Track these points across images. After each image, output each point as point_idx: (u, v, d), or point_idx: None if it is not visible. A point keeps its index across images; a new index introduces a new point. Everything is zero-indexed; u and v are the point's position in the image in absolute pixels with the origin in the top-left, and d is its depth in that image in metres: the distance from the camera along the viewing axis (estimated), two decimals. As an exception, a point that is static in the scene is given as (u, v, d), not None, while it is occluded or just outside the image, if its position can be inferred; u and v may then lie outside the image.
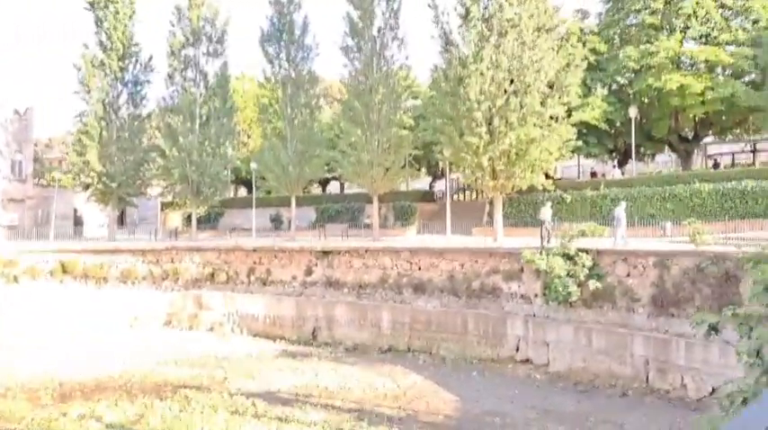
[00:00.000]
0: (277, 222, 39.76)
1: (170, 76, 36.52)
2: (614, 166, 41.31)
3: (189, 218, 39.76)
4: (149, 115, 38.43)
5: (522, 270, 25.10)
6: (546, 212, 27.13)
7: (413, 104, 39.92)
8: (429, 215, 38.24)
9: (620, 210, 24.55)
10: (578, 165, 46.36)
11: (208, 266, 32.17)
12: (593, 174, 43.97)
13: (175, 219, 46.68)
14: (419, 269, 27.87)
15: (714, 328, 8.57)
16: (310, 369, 23.85)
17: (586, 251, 23.34)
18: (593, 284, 22.66)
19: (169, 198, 42.50)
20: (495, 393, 20.87)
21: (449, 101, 28.80)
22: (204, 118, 36.18)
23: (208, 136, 35.82)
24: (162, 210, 48.27)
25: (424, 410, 19.50)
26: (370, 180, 31.50)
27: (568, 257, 23.42)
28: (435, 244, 29.21)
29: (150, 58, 37.78)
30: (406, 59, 32.45)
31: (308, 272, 29.86)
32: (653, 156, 43.47)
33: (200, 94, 36.52)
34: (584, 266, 23.00)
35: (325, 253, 29.68)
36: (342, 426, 17.22)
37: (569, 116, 29.79)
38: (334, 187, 55.19)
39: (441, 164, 40.30)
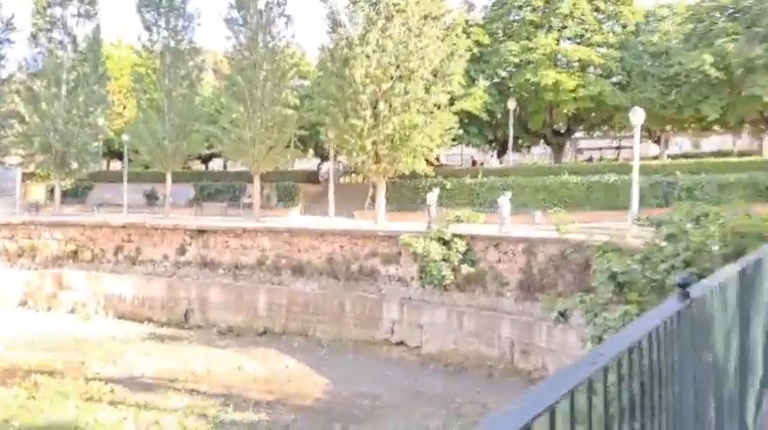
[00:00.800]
0: (152, 199, 37.71)
1: (33, 36, 33.42)
2: (492, 156, 42.85)
3: (53, 191, 36.79)
4: (9, 78, 34.97)
5: (400, 253, 25.38)
6: (432, 197, 27.66)
7: (300, 84, 39.19)
8: (313, 197, 37.80)
9: (504, 199, 25.45)
10: (461, 154, 47.67)
11: (71, 243, 29.92)
12: (474, 163, 45.46)
13: (38, 191, 43.02)
14: (298, 251, 27.45)
15: (562, 314, 8.88)
16: (179, 352, 22.87)
17: (461, 236, 23.98)
18: (465, 269, 23.35)
19: (31, 168, 39.10)
20: (368, 375, 21.01)
21: (335, 82, 28.49)
22: (72, 84, 33.47)
23: (76, 104, 33.20)
24: (23, 181, 44.31)
25: (295, 394, 19.27)
26: (252, 158, 30.56)
27: (444, 242, 23.95)
28: (317, 226, 28.90)
29: (12, 16, 34.32)
30: (293, 37, 31.74)
31: (182, 251, 28.57)
32: (529, 147, 45.53)
33: (69, 59, 33.71)
34: (458, 251, 23.62)
35: (201, 232, 28.50)
36: (205, 412, 16.61)
37: (452, 105, 30.40)
38: (217, 164, 53.29)
39: (327, 145, 39.99)
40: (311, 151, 46.53)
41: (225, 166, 49.42)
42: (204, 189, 37.77)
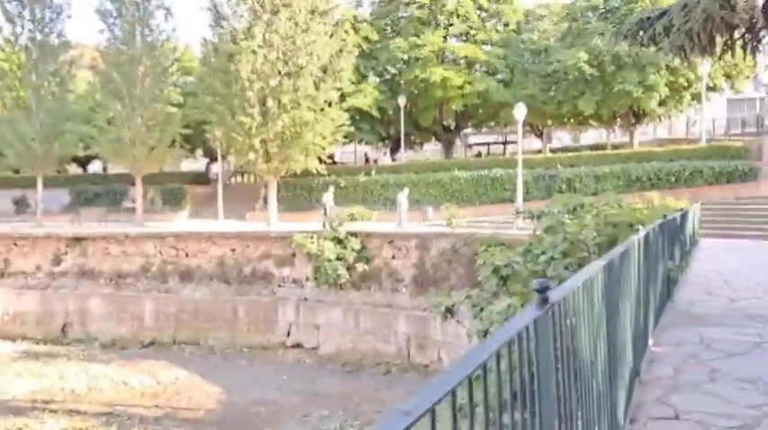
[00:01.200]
0: (22, 205, 34.74)
1: None
2: (385, 153, 43.08)
3: None
4: None
5: (294, 254, 24.85)
6: (328, 196, 27.28)
7: (184, 81, 37.47)
8: (202, 199, 36.32)
9: (402, 196, 25.58)
10: (354, 152, 47.60)
11: (-76, 258, 26.91)
12: (368, 160, 45.52)
13: None
14: (186, 256, 26.20)
15: (449, 310, 8.82)
16: (56, 370, 21.14)
17: (356, 235, 23.82)
18: (361, 267, 23.21)
19: None
20: (263, 381, 20.39)
21: (220, 78, 27.45)
22: None
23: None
24: None
25: (186, 406, 18.33)
26: (133, 160, 28.83)
27: (339, 241, 23.69)
28: (207, 229, 27.78)
29: None
30: (174, 31, 30.27)
31: (57, 261, 26.46)
32: (422, 144, 46.18)
33: None
34: (353, 250, 23.44)
35: (78, 239, 26.53)
36: (85, 434, 15.38)
37: (343, 101, 30.15)
38: (97, 167, 50.02)
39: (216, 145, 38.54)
40: (200, 151, 44.73)
41: (105, 169, 46.43)
42: (81, 194, 35.28)
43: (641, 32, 6.67)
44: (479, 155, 42.56)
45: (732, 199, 24.41)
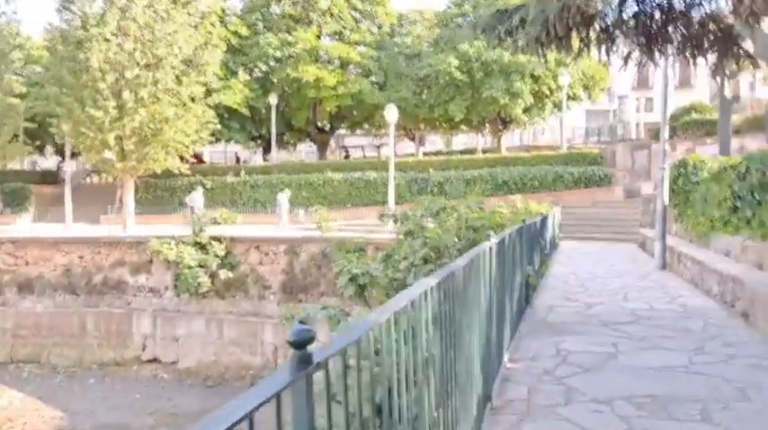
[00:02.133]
0: None
1: None
2: (254, 153, 41.64)
3: None
4: None
5: (151, 261, 22.93)
6: (196, 198, 25.53)
7: (31, 70, 33.87)
8: (51, 200, 32.95)
9: (283, 197, 24.57)
10: (225, 151, 45.60)
11: None
12: (238, 160, 43.79)
13: None
14: (26, 264, 23.43)
15: (303, 324, 7.94)
16: None
17: (219, 239, 22.40)
18: (224, 274, 21.84)
19: None
20: (114, 402, 18.49)
21: (67, 67, 24.85)
22: None
23: None
24: None
25: (16, 436, 16.13)
26: (-37, 156, 25.45)
27: (201, 246, 22.15)
28: (52, 234, 25.06)
29: None
30: (15, 14, 27.12)
31: None
32: (296, 145, 45.10)
33: None
34: (216, 256, 22.01)
35: None
36: None
37: (209, 97, 28.50)
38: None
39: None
40: (50, 148, 40.75)
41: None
42: None
43: (498, 26, 6.23)
44: (347, 156, 42.16)
45: (590, 203, 25.61)
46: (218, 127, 28.62)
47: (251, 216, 28.20)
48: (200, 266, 21.77)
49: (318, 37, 35.03)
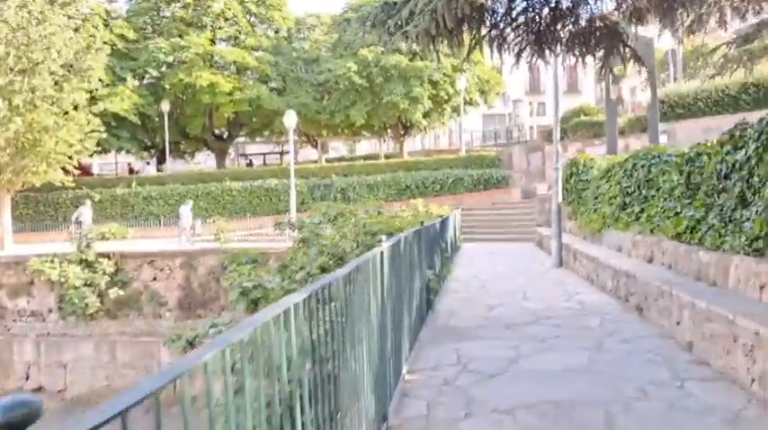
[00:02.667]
0: None
1: None
2: (147, 163, 39.71)
3: None
4: None
5: (32, 282, 21.08)
6: (84, 212, 23.75)
7: None
8: None
9: (186, 208, 23.30)
10: (116, 162, 43.12)
11: None
12: (131, 171, 41.53)
13: None
14: None
15: (192, 344, 7.39)
16: None
17: (108, 256, 20.95)
18: (114, 292, 20.42)
19: None
20: (-11, 439, 16.69)
21: (-73, 72, 22.50)
22: None
23: None
24: None
25: None
26: None
27: (88, 264, 20.61)
28: None
29: None
30: None
31: None
32: (193, 153, 43.36)
33: None
34: (104, 273, 20.54)
35: None
36: None
37: (93, 105, 26.75)
38: None
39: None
40: None
41: None
42: None
43: (388, 20, 5.94)
44: (250, 164, 41.08)
45: (489, 204, 26.15)
46: (105, 136, 26.87)
47: (146, 230, 26.67)
48: (88, 285, 20.26)
49: (212, 41, 33.86)
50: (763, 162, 6.33)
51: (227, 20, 34.22)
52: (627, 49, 6.79)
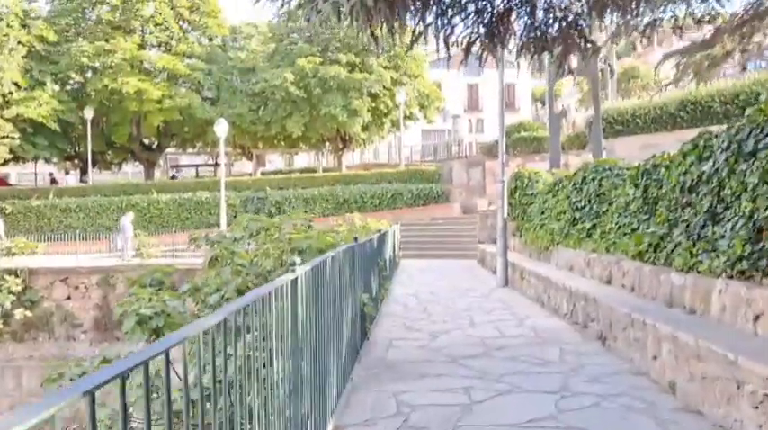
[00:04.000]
0: None
1: None
2: (66, 173, 37.37)
3: None
4: None
5: (-76, 303, 18.88)
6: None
7: None
8: None
9: (126, 220, 21.63)
10: (35, 173, 40.34)
11: None
12: (54, 181, 38.90)
13: None
14: None
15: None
16: None
17: (15, 273, 19.01)
18: (20, 313, 18.50)
19: None
20: None
21: None
22: None
23: None
24: None
25: None
26: None
27: (-9, 282, 18.64)
28: None
29: None
30: None
31: None
32: (120, 164, 41.06)
33: None
34: (10, 292, 18.61)
35: None
36: None
37: (5, 109, 24.68)
38: None
39: None
40: None
41: None
42: None
43: (323, 1, 4.97)
44: (174, 177, 39.16)
45: (428, 220, 25.46)
46: (18, 143, 24.81)
47: (65, 245, 24.53)
48: (-11, 306, 18.29)
49: (141, 46, 32.06)
50: (735, 174, 5.69)
51: (157, 25, 32.54)
52: (588, 45, 6.05)
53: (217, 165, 44.35)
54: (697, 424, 3.75)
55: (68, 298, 19.54)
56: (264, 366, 2.51)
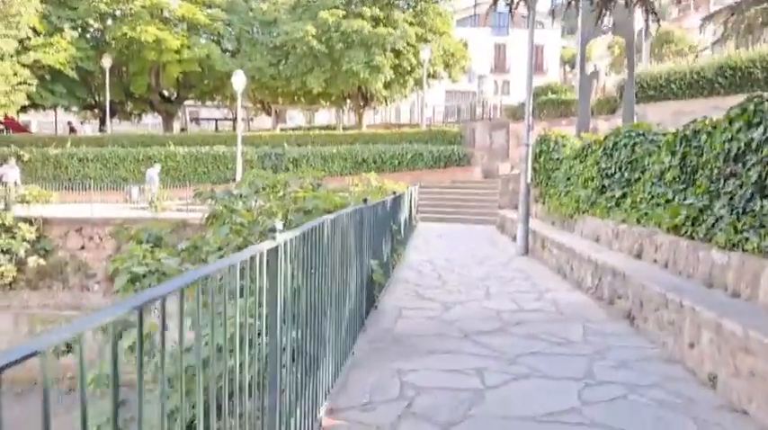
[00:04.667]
0: None
1: None
2: (82, 122, 37.17)
3: None
4: None
5: (-61, 247, 18.90)
6: (9, 172, 21.71)
7: None
8: None
9: (154, 172, 21.47)
10: (55, 121, 40.18)
11: None
12: (72, 130, 38.75)
13: None
14: None
15: (69, 348, 5.70)
16: None
17: (30, 221, 18.91)
18: (34, 261, 18.46)
19: None
20: None
21: None
22: None
23: None
24: None
25: None
26: None
27: (6, 229, 18.56)
28: None
29: None
30: None
31: None
32: (140, 115, 40.74)
33: None
34: (24, 240, 18.53)
35: None
36: None
37: (24, 54, 24.29)
38: None
39: None
40: None
41: None
42: None
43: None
44: (183, 130, 38.75)
45: (449, 182, 24.86)
46: (36, 90, 24.48)
47: (81, 194, 24.36)
48: (4, 252, 18.24)
49: (161, -7, 31.29)
50: (792, 142, 5.08)
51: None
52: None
53: (236, 119, 43.94)
54: (743, 426, 3.27)
55: (82, 247, 19.45)
56: (232, 351, 2.08)
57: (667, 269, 5.90)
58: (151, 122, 46.44)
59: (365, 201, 5.46)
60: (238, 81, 21.72)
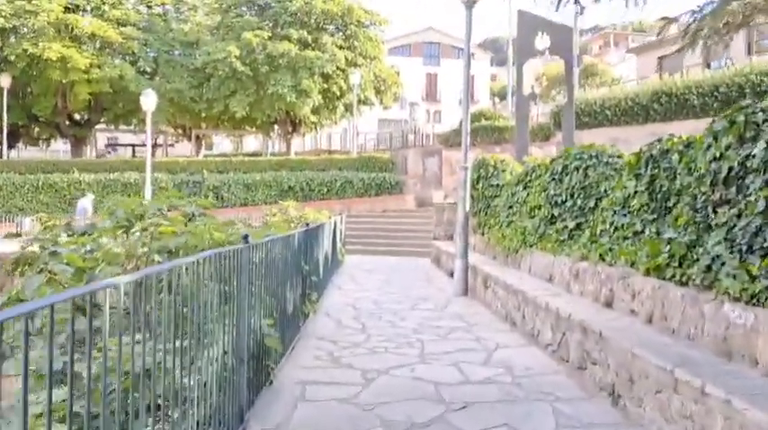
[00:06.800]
0: None
1: None
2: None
3: None
4: None
5: None
6: None
7: None
8: None
9: (87, 202, 19.09)
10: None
11: None
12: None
13: None
14: None
15: None
16: None
17: None
18: None
19: None
20: None
21: None
22: None
23: None
24: None
25: None
26: None
27: None
28: None
29: None
30: None
31: None
32: (48, 140, 37.67)
33: None
34: None
35: None
36: None
37: None
38: None
39: None
40: None
41: None
42: None
43: None
44: (100, 156, 36.04)
45: (380, 211, 23.48)
46: None
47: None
48: None
49: (69, 9, 28.88)
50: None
51: (88, -14, 29.48)
52: None
53: (155, 145, 41.32)
54: None
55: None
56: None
57: (652, 325, 4.54)
58: (62, 148, 43.20)
59: (245, 238, 3.85)
60: (149, 101, 19.77)
